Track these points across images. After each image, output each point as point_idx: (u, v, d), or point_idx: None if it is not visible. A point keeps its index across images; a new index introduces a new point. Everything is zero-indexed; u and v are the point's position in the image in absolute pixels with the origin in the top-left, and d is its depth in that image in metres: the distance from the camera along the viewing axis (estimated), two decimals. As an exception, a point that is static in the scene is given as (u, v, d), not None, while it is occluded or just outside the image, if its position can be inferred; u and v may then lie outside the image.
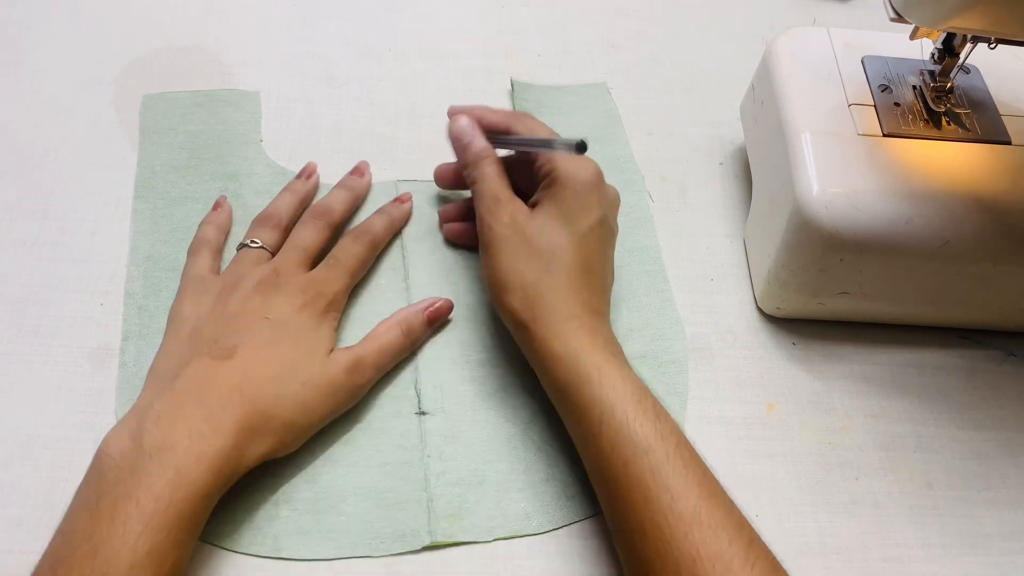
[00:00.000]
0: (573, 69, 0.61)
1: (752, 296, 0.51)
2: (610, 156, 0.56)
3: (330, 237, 0.48)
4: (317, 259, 0.47)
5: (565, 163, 0.44)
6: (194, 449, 0.36)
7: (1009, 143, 0.46)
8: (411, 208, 0.52)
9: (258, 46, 0.59)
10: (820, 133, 0.46)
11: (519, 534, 0.41)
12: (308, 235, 0.47)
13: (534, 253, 0.42)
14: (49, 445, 0.42)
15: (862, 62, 0.49)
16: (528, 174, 0.46)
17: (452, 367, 0.46)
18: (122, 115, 0.54)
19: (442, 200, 0.52)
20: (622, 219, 0.52)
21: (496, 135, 0.47)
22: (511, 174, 0.46)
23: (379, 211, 0.50)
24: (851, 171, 0.44)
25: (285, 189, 0.51)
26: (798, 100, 0.47)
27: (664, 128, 0.58)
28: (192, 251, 0.48)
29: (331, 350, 0.43)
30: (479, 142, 0.47)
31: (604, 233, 0.44)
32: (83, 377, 0.44)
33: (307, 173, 0.52)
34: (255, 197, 0.51)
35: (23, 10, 0.59)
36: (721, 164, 0.57)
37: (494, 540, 0.41)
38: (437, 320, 0.47)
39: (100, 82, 0.56)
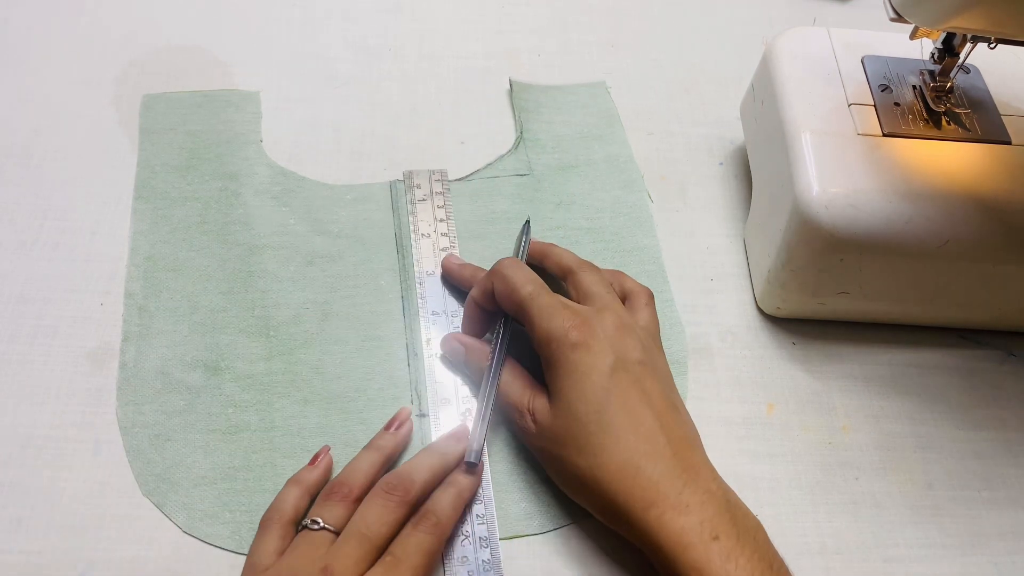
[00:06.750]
0: (573, 69, 0.61)
1: (752, 296, 0.51)
2: (610, 156, 0.56)
3: (405, 518, 0.39)
4: (384, 546, 0.38)
5: (547, 328, 0.40)
6: None
7: (1009, 143, 0.46)
8: (480, 475, 0.42)
9: (258, 46, 0.59)
10: (820, 133, 0.46)
11: (519, 534, 0.41)
12: (375, 516, 0.38)
13: (574, 452, 0.39)
14: (49, 445, 0.42)
15: (862, 62, 0.49)
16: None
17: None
18: (122, 115, 0.54)
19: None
20: (622, 219, 0.52)
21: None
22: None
23: (446, 483, 0.41)
24: (851, 171, 0.44)
25: (369, 445, 0.42)
26: (798, 100, 0.47)
27: (664, 128, 0.58)
28: (262, 524, 0.39)
29: None
30: (475, 357, 0.44)
31: (629, 378, 0.39)
32: (83, 377, 0.44)
33: (397, 422, 0.43)
34: (255, 197, 0.51)
35: (23, 10, 0.59)
36: (721, 164, 0.57)
37: (494, 541, 0.41)
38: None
39: (100, 82, 0.56)
